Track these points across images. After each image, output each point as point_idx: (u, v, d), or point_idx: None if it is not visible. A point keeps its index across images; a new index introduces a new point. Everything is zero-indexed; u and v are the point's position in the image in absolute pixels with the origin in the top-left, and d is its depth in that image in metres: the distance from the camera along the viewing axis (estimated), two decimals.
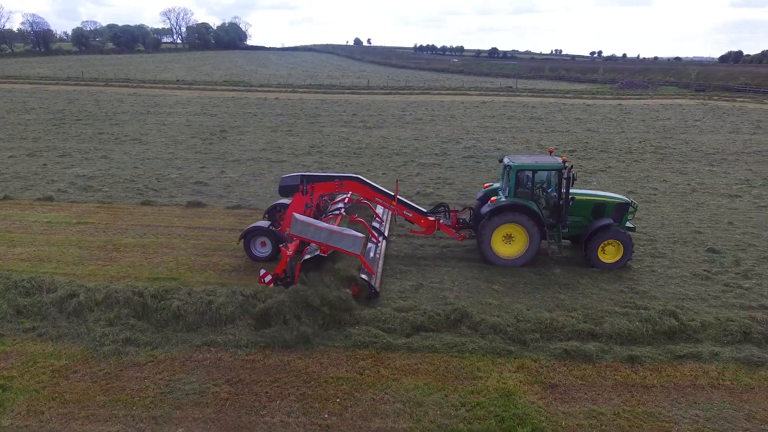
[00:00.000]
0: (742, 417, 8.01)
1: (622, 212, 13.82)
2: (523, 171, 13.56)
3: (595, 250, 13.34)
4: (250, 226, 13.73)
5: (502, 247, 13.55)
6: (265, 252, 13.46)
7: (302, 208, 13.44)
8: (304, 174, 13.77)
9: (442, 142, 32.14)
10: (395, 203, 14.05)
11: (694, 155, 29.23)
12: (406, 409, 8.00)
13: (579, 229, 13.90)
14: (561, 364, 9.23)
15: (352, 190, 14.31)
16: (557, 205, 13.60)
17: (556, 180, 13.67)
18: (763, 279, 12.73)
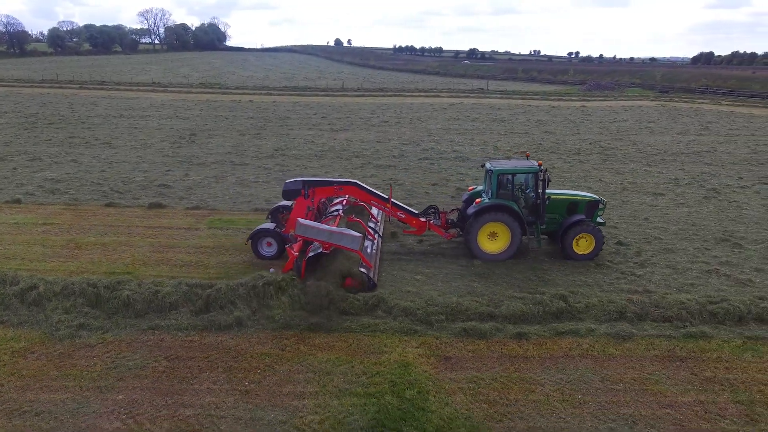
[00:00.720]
0: (597, 379, 9.57)
1: (593, 209, 15.59)
2: (503, 174, 15.12)
3: (570, 244, 14.97)
4: (257, 228, 15.08)
5: (487, 244, 15.03)
6: (271, 251, 14.77)
7: (304, 210, 14.77)
8: (306, 179, 15.21)
9: (403, 144, 33.66)
10: (389, 206, 15.51)
11: (637, 156, 31.11)
12: (316, 377, 9.43)
13: (555, 225, 15.45)
14: (458, 340, 10.73)
15: (350, 193, 15.73)
16: (535, 204, 15.21)
17: (533, 182, 15.27)
18: (657, 268, 14.41)
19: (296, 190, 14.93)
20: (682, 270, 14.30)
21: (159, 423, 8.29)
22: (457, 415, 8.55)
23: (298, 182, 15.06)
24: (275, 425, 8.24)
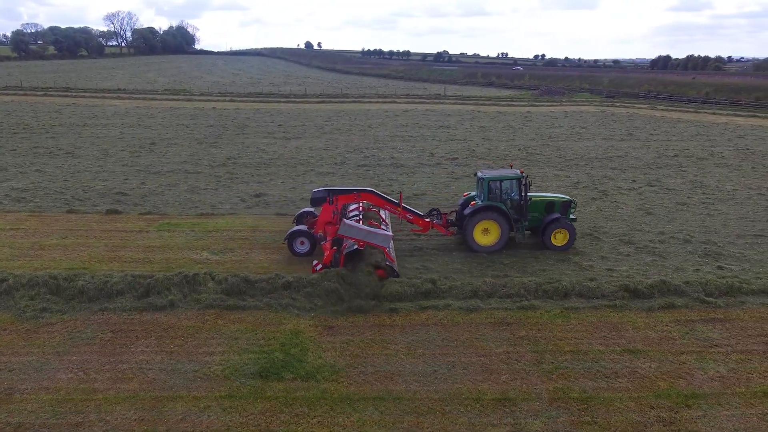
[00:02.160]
0: (439, 339, 12.78)
1: (566, 208, 19.15)
2: (492, 181, 18.51)
3: (548, 237, 18.41)
4: (291, 230, 18.04)
5: (481, 238, 18.27)
6: (304, 249, 17.68)
7: (330, 214, 17.75)
8: (330, 188, 18.41)
9: (347, 152, 36.74)
10: (400, 209, 18.61)
11: (556, 161, 34.76)
12: (225, 341, 12.45)
13: (536, 222, 18.87)
14: (343, 318, 13.81)
15: (367, 200, 18.78)
16: (519, 205, 18.61)
17: (516, 186, 18.67)
18: (523, 258, 17.78)
19: (322, 198, 17.98)
20: (542, 259, 17.71)
21: (102, 374, 11.21)
22: (325, 364, 11.67)
23: (323, 191, 18.10)
24: (189, 373, 11.24)
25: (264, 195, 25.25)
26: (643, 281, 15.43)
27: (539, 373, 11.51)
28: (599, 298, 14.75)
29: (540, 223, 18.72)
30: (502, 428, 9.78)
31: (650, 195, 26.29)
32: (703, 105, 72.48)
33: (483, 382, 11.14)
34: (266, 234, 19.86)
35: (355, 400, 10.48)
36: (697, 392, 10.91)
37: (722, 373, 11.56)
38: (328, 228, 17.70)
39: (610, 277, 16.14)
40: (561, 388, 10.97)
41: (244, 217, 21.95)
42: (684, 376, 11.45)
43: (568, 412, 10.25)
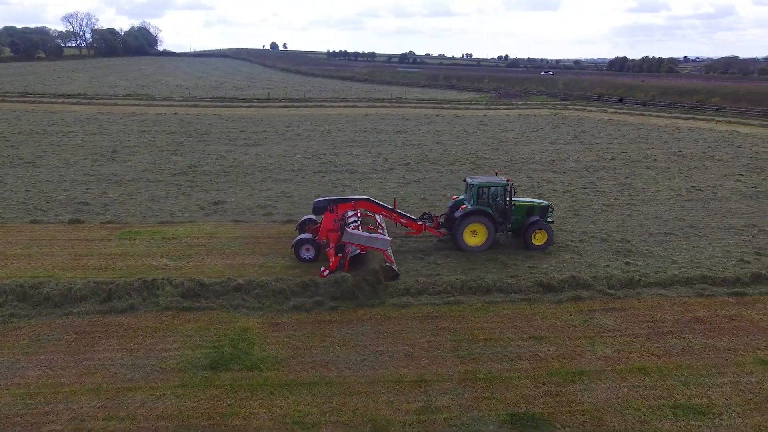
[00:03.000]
0: (371, 332, 14.54)
1: (545, 211, 21.23)
2: (481, 187, 20.39)
3: (529, 238, 20.40)
4: (298, 238, 19.41)
5: (470, 239, 20.19)
6: (310, 255, 19.04)
7: (331, 222, 19.43)
8: (331, 198, 20.10)
9: (305, 158, 38.28)
10: (395, 214, 20.41)
11: (502, 165, 36.97)
12: (181, 338, 13.97)
13: (518, 224, 20.84)
14: (288, 315, 15.47)
15: (364, 207, 20.41)
16: (504, 209, 20.58)
17: (502, 192, 20.63)
18: (455, 259, 19.70)
19: (324, 207, 19.63)
20: (472, 259, 19.67)
21: (68, 370, 12.61)
22: (269, 356, 13.32)
23: (325, 201, 19.76)
24: (147, 367, 12.74)
25: (222, 203, 26.62)
26: (556, 277, 17.54)
27: (454, 358, 13.39)
28: (516, 293, 16.75)
29: (521, 225, 20.82)
30: (416, 404, 11.60)
31: (581, 197, 28.64)
32: (649, 107, 76.35)
33: (405, 367, 12.96)
34: (223, 240, 21.33)
35: (293, 386, 12.16)
36: (584, 370, 12.95)
37: (608, 354, 13.65)
38: (331, 235, 19.43)
39: (530, 274, 18.19)
40: (470, 370, 12.87)
41: (202, 224, 23.33)
42: (576, 357, 13.49)
43: (473, 390, 12.13)
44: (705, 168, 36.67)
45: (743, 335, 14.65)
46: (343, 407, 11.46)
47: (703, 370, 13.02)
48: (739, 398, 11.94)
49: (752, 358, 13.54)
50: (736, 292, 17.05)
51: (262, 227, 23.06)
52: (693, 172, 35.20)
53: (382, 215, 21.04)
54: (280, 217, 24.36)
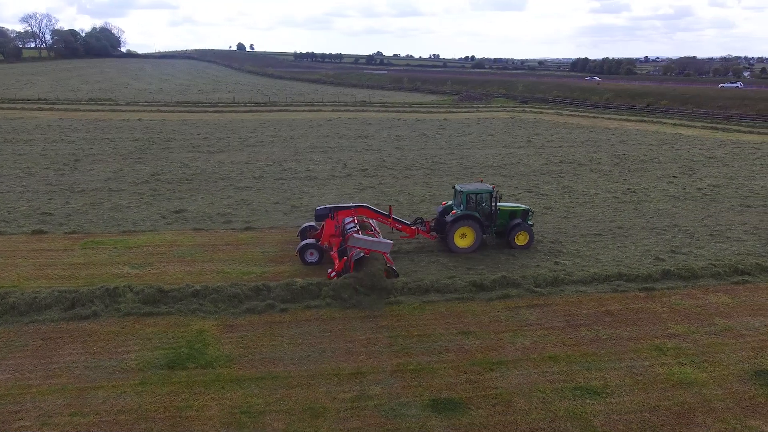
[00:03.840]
0: (317, 331, 16.04)
1: (526, 215, 23.30)
2: (470, 194, 22.27)
3: (513, 239, 22.53)
4: (302, 243, 21.04)
5: (460, 241, 22.07)
6: (314, 259, 20.65)
7: (333, 228, 20.94)
8: (331, 206, 21.62)
9: (267, 165, 39.50)
10: (391, 220, 22.13)
11: (456, 170, 38.84)
12: (141, 341, 15.23)
13: (503, 226, 22.89)
14: (242, 317, 16.86)
15: (362, 214, 21.99)
16: (490, 214, 22.59)
17: (488, 198, 22.57)
18: (402, 262, 21.35)
19: (325, 214, 21.19)
20: (416, 261, 21.34)
21: (35, 373, 13.78)
22: (222, 355, 14.71)
23: (326, 209, 21.35)
24: (109, 368, 13.99)
25: (183, 211, 27.73)
26: (489, 277, 19.33)
27: (389, 352, 15.00)
28: (452, 293, 18.46)
29: (505, 228, 22.88)
30: (351, 393, 13.16)
31: (525, 201, 30.59)
32: (603, 110, 79.66)
33: (344, 361, 14.51)
34: (183, 248, 22.53)
35: (242, 380, 13.59)
36: (503, 360, 14.71)
37: (526, 345, 15.45)
38: (333, 239, 20.95)
39: (466, 274, 19.95)
40: (402, 362, 14.49)
41: (163, 233, 24.45)
42: (497, 349, 15.25)
43: (402, 380, 13.76)
44: (643, 170, 39.22)
45: (645, 325, 16.65)
46: (286, 398, 12.95)
47: (605, 356, 14.92)
48: (630, 380, 13.85)
49: (649, 345, 15.51)
50: (647, 288, 19.11)
51: (221, 235, 24.31)
52: (631, 175, 37.67)
53: (378, 220, 22.79)
54: (238, 225, 25.63)
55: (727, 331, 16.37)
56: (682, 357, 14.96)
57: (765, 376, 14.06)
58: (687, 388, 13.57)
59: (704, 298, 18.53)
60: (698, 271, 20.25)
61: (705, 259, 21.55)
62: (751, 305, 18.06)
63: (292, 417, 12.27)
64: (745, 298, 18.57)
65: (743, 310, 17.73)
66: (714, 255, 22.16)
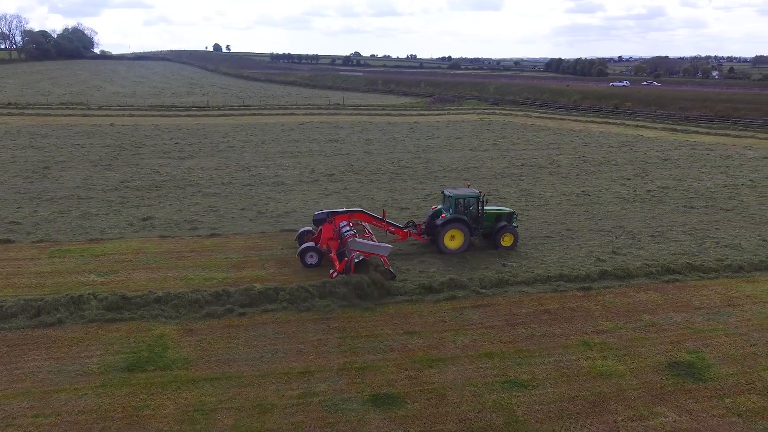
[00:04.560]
0: (272, 333, 17.08)
1: (510, 217, 24.85)
2: (458, 198, 23.69)
3: (498, 240, 24.03)
4: (303, 246, 22.21)
5: (450, 243, 23.55)
6: (314, 261, 21.84)
7: (331, 232, 22.29)
8: (329, 211, 23.25)
9: (236, 170, 40.30)
10: (384, 223, 23.67)
11: (420, 174, 40.07)
12: (103, 346, 16.12)
13: (489, 229, 24.38)
14: (201, 322, 17.82)
15: (358, 218, 23.57)
16: (477, 217, 24.00)
17: (475, 202, 23.95)
18: None
19: (323, 219, 22.59)
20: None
21: (1, 378, 14.62)
22: (180, 357, 15.68)
23: (324, 214, 22.83)
24: (72, 372, 14.88)
25: (151, 218, 28.49)
26: (438, 279, 20.57)
27: (338, 352, 16.12)
28: (402, 295, 19.67)
29: (492, 230, 24.38)
30: (298, 391, 14.26)
31: None
32: (571, 111, 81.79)
33: (295, 361, 15.60)
34: (148, 255, 23.36)
35: (198, 381, 14.60)
36: (442, 357, 15.93)
37: (465, 343, 16.71)
38: (331, 243, 22.24)
39: (418, 277, 21.16)
40: (349, 361, 15.63)
41: (130, 240, 25.23)
42: (439, 347, 16.47)
43: (348, 377, 14.90)
44: (600, 173, 40.94)
45: (578, 322, 18.04)
46: (237, 396, 14.00)
47: (537, 352, 16.25)
48: (556, 373, 15.18)
49: (578, 341, 16.89)
50: (584, 287, 20.55)
51: (186, 242, 25.17)
52: (588, 177, 39.34)
53: (373, 224, 24.06)
54: (204, 232, 26.49)
55: (651, 327, 17.84)
56: (607, 351, 16.36)
57: (677, 367, 15.52)
58: (606, 379, 14.95)
59: (635, 296, 20.02)
60: (633, 271, 21.76)
61: (642, 260, 23.09)
62: (677, 302, 19.59)
63: (242, 413, 13.33)
64: (673, 296, 20.11)
65: (669, 306, 19.24)
66: (651, 255, 23.72)
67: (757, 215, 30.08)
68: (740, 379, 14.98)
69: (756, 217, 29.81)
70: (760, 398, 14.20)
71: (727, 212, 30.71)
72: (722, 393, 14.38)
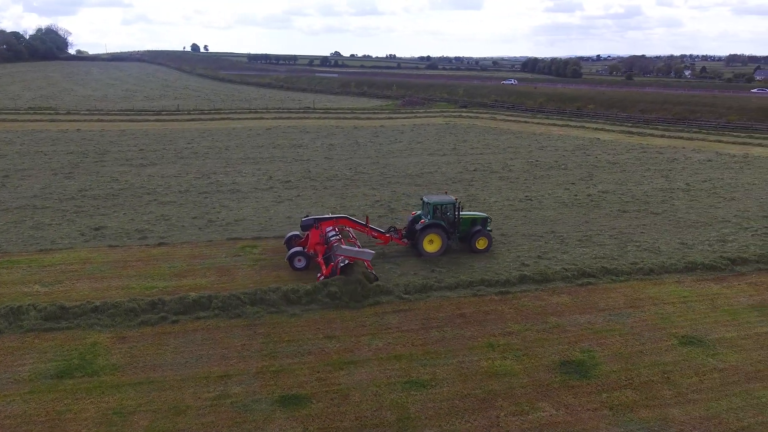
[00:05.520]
0: (200, 340, 18.26)
1: (485, 222, 26.49)
2: (436, 205, 25.47)
3: (474, 243, 25.74)
4: (291, 251, 23.78)
5: (428, 247, 25.28)
6: (302, 265, 23.46)
7: (318, 237, 23.96)
8: (316, 217, 24.84)
9: (195, 178, 41.21)
10: (368, 228, 25.25)
11: (375, 180, 41.33)
12: (37, 355, 17.13)
13: (465, 233, 26.08)
14: (135, 330, 18.92)
15: (343, 224, 25.31)
16: (454, 222, 25.79)
17: (452, 208, 25.68)
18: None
19: (310, 225, 24.22)
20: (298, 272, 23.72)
21: None
22: (109, 364, 16.79)
23: (311, 220, 24.42)
24: (2, 380, 15.89)
25: (103, 228, 29.40)
26: (366, 286, 21.86)
27: (259, 356, 17.37)
28: (330, 300, 20.96)
29: (467, 234, 26.04)
30: (214, 393, 15.48)
31: None
32: (536, 114, 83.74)
33: (216, 366, 16.81)
34: (95, 265, 24.34)
35: (122, 386, 15.74)
36: (354, 360, 17.24)
37: (379, 346, 18.04)
38: (318, 247, 23.91)
39: (348, 284, 22.41)
40: (267, 365, 16.88)
41: (79, 250, 26.15)
42: (353, 350, 17.76)
43: (263, 380, 16.15)
44: (548, 177, 42.60)
45: (489, 325, 19.48)
46: (156, 399, 15.18)
47: (443, 354, 17.63)
48: (456, 373, 16.58)
49: (484, 343, 18.31)
50: (503, 291, 22.02)
51: (134, 251, 26.18)
52: (535, 182, 40.95)
53: (357, 229, 25.67)
54: (153, 241, 27.51)
55: (555, 328, 19.35)
56: (508, 352, 17.82)
57: (568, 366, 17.02)
58: (500, 378, 16.39)
59: (548, 299, 21.54)
60: (551, 275, 23.30)
61: (563, 263, 24.64)
62: (584, 304, 21.15)
63: (158, 415, 14.52)
64: (583, 299, 21.67)
65: (576, 308, 20.79)
66: (573, 259, 25.29)
67: (683, 219, 31.90)
68: (621, 376, 16.53)
69: (682, 220, 31.61)
70: (634, 393, 15.75)
71: (656, 216, 32.49)
72: (601, 389, 15.91)
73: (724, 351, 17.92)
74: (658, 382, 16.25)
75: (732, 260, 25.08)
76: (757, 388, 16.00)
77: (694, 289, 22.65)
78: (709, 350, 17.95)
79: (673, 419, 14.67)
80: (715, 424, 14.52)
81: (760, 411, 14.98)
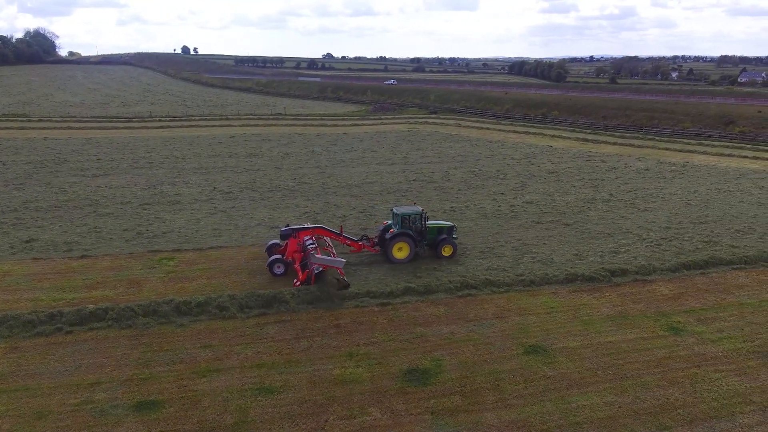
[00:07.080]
0: (85, 350, 19.93)
1: (451, 230, 28.99)
2: (404, 216, 27.87)
3: (440, 251, 28.14)
4: (271, 258, 26.17)
5: (397, 254, 27.62)
6: (280, 271, 25.84)
7: (295, 245, 26.29)
8: (294, 227, 27.13)
9: (142, 189, 42.79)
10: (341, 237, 27.88)
11: (315, 190, 42.88)
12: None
13: (432, 241, 28.49)
14: (30, 340, 20.57)
15: (319, 233, 27.79)
16: (421, 231, 28.14)
17: (419, 218, 28.07)
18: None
19: (288, 234, 26.50)
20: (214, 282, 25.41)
21: None
22: None
23: (290, 230, 26.70)
24: None
25: (34, 240, 31.01)
26: (264, 295, 23.51)
27: (133, 365, 19.05)
28: (220, 310, 22.67)
29: (434, 242, 28.50)
30: (79, 400, 17.14)
31: (352, 221, 34.98)
32: (502, 120, 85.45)
33: (92, 374, 18.48)
34: (13, 278, 25.98)
35: None
36: (220, 368, 18.90)
37: (248, 355, 19.66)
38: (296, 255, 26.24)
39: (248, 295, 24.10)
40: (138, 373, 18.57)
41: (3, 263, 27.75)
42: (222, 359, 19.44)
43: (128, 387, 17.81)
44: (482, 188, 44.26)
45: (357, 335, 21.14)
46: (24, 405, 16.86)
47: (303, 362, 19.30)
48: (307, 380, 18.22)
49: (345, 352, 19.96)
50: (383, 303, 23.68)
51: (55, 263, 27.80)
52: (467, 193, 42.60)
53: (332, 238, 28.18)
54: (77, 253, 29.11)
55: (418, 338, 21.04)
56: (364, 360, 19.51)
57: (413, 373, 18.71)
58: (345, 385, 18.08)
59: (424, 310, 23.23)
60: (435, 287, 24.99)
61: (452, 275, 26.31)
62: (456, 315, 22.82)
63: (20, 420, 16.21)
64: (457, 309, 23.35)
65: (446, 319, 22.48)
66: (465, 271, 26.96)
67: (589, 230, 33.60)
68: (456, 383, 18.23)
69: (588, 232, 33.31)
70: (461, 399, 17.45)
71: (566, 227, 34.20)
72: (432, 395, 17.61)
73: (561, 359, 19.64)
74: (488, 388, 17.96)
75: (612, 272, 26.79)
76: (573, 394, 17.72)
77: (565, 300, 24.35)
78: (548, 358, 19.66)
79: (486, 422, 16.38)
80: (519, 426, 16.24)
81: (564, 415, 16.70)
